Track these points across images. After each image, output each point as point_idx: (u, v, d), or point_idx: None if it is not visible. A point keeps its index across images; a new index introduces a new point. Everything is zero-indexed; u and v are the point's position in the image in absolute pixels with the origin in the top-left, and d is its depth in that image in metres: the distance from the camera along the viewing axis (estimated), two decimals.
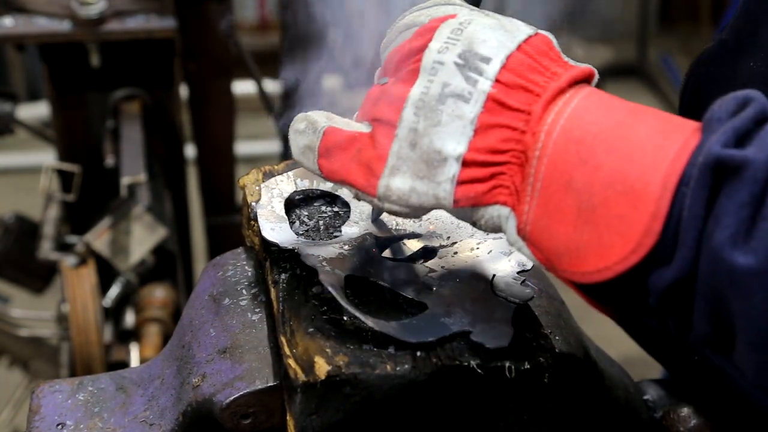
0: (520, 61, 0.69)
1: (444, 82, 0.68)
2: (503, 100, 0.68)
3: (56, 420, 0.84)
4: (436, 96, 0.69)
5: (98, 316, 1.83)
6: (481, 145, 0.68)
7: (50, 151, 2.35)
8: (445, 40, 0.70)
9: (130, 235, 1.91)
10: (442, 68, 0.69)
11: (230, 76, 2.41)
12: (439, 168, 0.68)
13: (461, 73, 0.68)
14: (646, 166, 0.62)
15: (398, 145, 0.70)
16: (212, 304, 0.86)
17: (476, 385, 0.74)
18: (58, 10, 1.96)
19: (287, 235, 0.85)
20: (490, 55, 0.68)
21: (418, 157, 0.69)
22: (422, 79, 0.70)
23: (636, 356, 1.06)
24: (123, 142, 1.95)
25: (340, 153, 0.73)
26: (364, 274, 0.82)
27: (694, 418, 0.87)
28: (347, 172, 0.73)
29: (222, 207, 2.56)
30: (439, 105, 0.68)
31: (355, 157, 0.72)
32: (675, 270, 0.60)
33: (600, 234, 0.63)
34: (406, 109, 0.69)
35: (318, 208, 0.91)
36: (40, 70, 2.39)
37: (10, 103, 2.08)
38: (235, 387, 0.77)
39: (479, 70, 0.68)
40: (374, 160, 0.71)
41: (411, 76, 0.71)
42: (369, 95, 0.75)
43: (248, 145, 3.67)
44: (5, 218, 2.06)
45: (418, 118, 0.69)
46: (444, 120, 0.68)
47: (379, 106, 0.72)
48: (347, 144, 0.73)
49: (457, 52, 0.69)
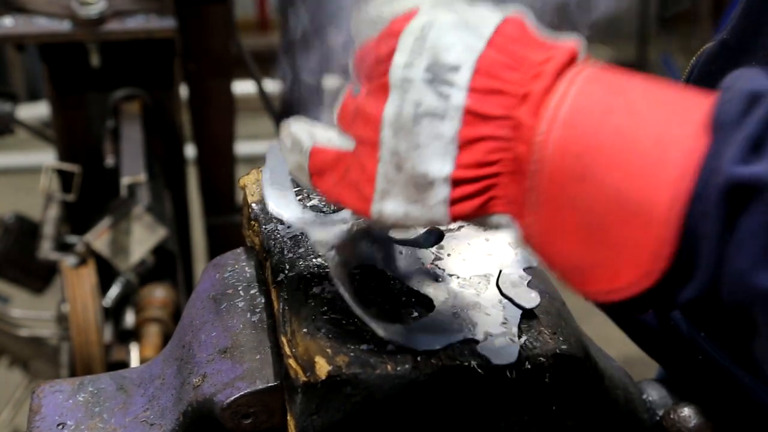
0: (492, 60, 0.64)
1: (416, 101, 0.64)
2: (481, 110, 0.64)
3: (57, 420, 0.84)
4: (411, 117, 0.65)
5: (98, 316, 1.83)
6: (468, 161, 0.64)
7: (50, 151, 2.35)
8: (410, 52, 0.65)
9: (130, 235, 1.91)
10: (411, 86, 0.65)
11: (230, 76, 2.41)
12: (429, 192, 0.65)
13: (431, 89, 0.64)
14: (650, 184, 0.58)
15: (384, 168, 0.66)
16: (213, 305, 0.86)
17: (477, 385, 0.74)
18: (58, 10, 1.96)
19: (292, 210, 0.84)
20: (458, 63, 0.64)
21: (405, 181, 0.66)
22: (393, 97, 0.66)
23: (636, 356, 1.06)
24: (123, 142, 1.95)
25: (329, 173, 0.71)
26: (372, 262, 0.82)
27: (695, 418, 0.87)
28: (339, 194, 0.70)
29: (222, 207, 2.56)
30: (415, 126, 0.64)
31: (344, 178, 0.70)
32: (693, 290, 0.58)
33: (608, 256, 0.60)
34: (384, 130, 0.66)
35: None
36: (40, 70, 2.39)
37: (10, 103, 2.08)
38: (235, 387, 0.77)
39: (449, 82, 0.64)
40: (363, 182, 0.68)
41: (382, 92, 0.67)
42: (345, 104, 0.71)
43: (248, 145, 3.67)
44: (5, 218, 2.06)
45: (397, 140, 0.65)
46: (423, 142, 0.64)
47: (357, 125, 0.69)
48: (334, 164, 0.70)
49: (423, 65, 0.65)
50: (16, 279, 2.15)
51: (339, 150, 0.70)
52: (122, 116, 2.05)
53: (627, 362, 0.92)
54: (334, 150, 0.71)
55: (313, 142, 0.72)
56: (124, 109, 2.06)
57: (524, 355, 0.75)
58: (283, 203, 0.84)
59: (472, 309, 0.78)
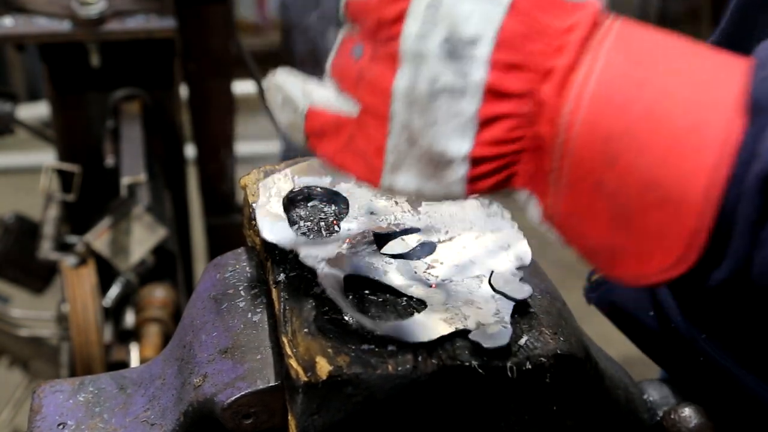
0: (512, 30, 0.60)
1: (432, 77, 0.61)
2: (502, 87, 0.60)
3: (57, 420, 0.84)
4: (427, 92, 0.61)
5: (98, 316, 1.83)
6: (488, 139, 0.61)
7: (50, 151, 2.35)
8: (422, 21, 0.61)
9: (130, 235, 1.91)
10: (426, 60, 0.61)
11: (230, 76, 2.41)
12: (446, 170, 0.63)
13: (449, 64, 0.60)
14: (683, 170, 0.55)
15: (394, 140, 0.64)
16: (213, 305, 0.86)
17: (477, 385, 0.74)
18: (58, 10, 1.96)
19: (286, 234, 0.85)
20: (476, 35, 0.60)
21: (419, 156, 0.63)
22: (406, 69, 0.62)
23: (636, 356, 1.06)
24: (123, 142, 1.95)
25: (330, 138, 0.67)
26: (365, 272, 0.82)
27: (696, 418, 0.87)
28: (343, 161, 0.67)
29: (222, 207, 2.56)
30: (431, 102, 0.61)
31: (348, 145, 0.66)
32: (723, 273, 0.56)
33: (638, 242, 0.58)
34: (396, 102, 0.62)
35: (316, 206, 0.92)
36: (40, 70, 2.39)
37: (10, 103, 2.08)
38: (236, 387, 0.77)
39: (468, 57, 0.60)
40: (371, 153, 0.65)
41: (390, 60, 0.63)
42: (345, 64, 0.67)
43: (248, 145, 3.67)
44: (5, 218, 2.06)
45: (410, 114, 0.62)
46: (440, 119, 0.61)
47: (363, 91, 0.65)
48: (336, 128, 0.67)
49: (439, 38, 0.61)
50: (16, 279, 2.15)
51: (339, 113, 0.67)
52: (122, 116, 2.05)
53: (627, 362, 0.92)
54: (333, 113, 0.67)
55: (310, 103, 0.68)
56: (124, 109, 2.06)
57: (525, 355, 0.75)
58: (275, 234, 0.84)
59: (465, 305, 0.78)
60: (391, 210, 0.90)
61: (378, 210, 0.90)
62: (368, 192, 0.91)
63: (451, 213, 0.89)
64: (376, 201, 0.91)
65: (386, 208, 0.90)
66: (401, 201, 0.91)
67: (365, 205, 0.90)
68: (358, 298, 0.81)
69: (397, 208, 0.90)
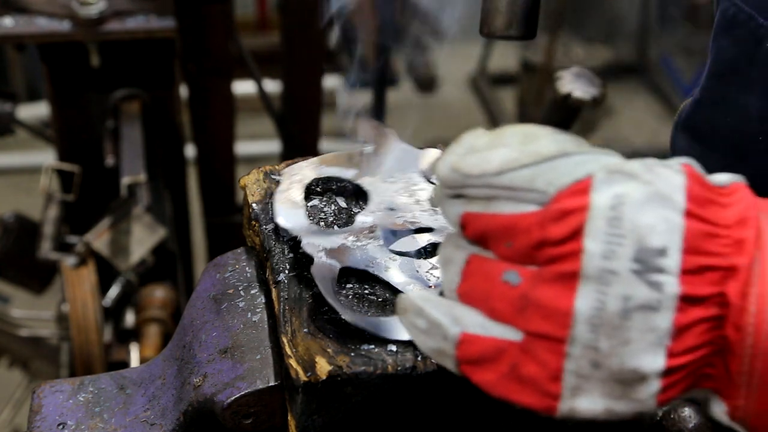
0: (694, 233, 0.59)
1: (624, 296, 0.58)
2: (694, 293, 0.59)
3: (57, 420, 0.84)
4: (619, 312, 0.59)
5: (98, 316, 1.83)
6: (681, 348, 0.59)
7: (50, 151, 2.35)
8: (607, 239, 0.59)
9: (130, 235, 1.91)
10: (617, 278, 0.58)
11: (230, 76, 2.41)
12: (638, 386, 0.60)
13: (641, 279, 0.58)
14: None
15: (574, 364, 0.60)
16: (213, 305, 0.86)
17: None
18: (58, 10, 1.96)
19: (299, 222, 0.86)
20: (663, 245, 0.59)
21: (606, 377, 0.60)
22: (589, 290, 0.59)
23: None
24: (123, 142, 1.96)
25: (488, 365, 0.64)
26: (365, 266, 0.82)
27: (695, 418, 0.87)
28: (507, 389, 0.63)
29: (222, 207, 2.56)
30: (624, 322, 0.59)
31: (511, 373, 0.63)
32: None
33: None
34: (578, 326, 0.59)
35: (336, 197, 0.92)
36: (40, 70, 2.39)
37: (10, 103, 2.08)
38: (236, 387, 0.77)
39: (660, 269, 0.58)
40: (543, 379, 0.61)
41: (565, 281, 0.60)
42: (496, 290, 0.64)
43: (248, 145, 3.67)
44: (5, 218, 2.06)
45: (596, 336, 0.59)
46: (634, 337, 0.59)
47: (531, 318, 0.61)
48: (495, 355, 0.63)
49: (629, 255, 0.59)
50: (16, 279, 2.15)
51: (497, 339, 0.63)
52: (122, 116, 2.05)
53: None
54: (490, 339, 0.63)
55: (462, 329, 0.64)
56: (124, 109, 2.06)
57: None
58: (288, 221, 0.85)
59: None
60: (410, 208, 0.90)
61: (397, 206, 0.90)
62: (390, 188, 0.92)
63: None
64: (397, 197, 0.91)
65: (406, 206, 0.90)
66: (422, 200, 0.91)
67: (386, 201, 0.91)
68: (354, 290, 0.81)
69: (416, 206, 0.90)
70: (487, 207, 0.64)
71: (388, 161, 0.94)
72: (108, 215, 1.92)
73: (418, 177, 0.94)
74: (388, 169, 0.94)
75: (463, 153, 0.65)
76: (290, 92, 2.60)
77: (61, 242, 1.96)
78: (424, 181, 0.93)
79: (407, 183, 0.93)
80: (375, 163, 0.94)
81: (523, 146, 0.64)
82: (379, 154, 0.95)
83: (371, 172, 0.93)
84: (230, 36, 2.33)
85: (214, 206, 2.57)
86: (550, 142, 0.64)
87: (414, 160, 0.95)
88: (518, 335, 0.62)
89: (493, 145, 0.65)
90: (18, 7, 1.98)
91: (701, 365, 0.61)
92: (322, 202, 0.91)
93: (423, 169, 0.94)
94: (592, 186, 0.61)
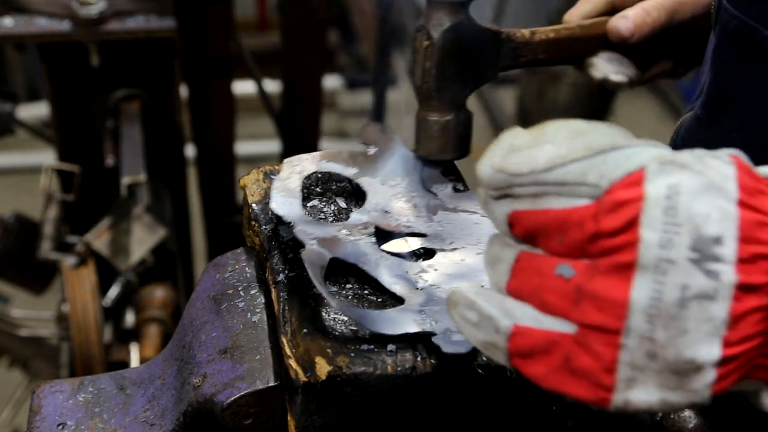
0: (748, 222, 0.59)
1: (681, 284, 0.59)
2: (749, 281, 0.59)
3: (57, 420, 0.84)
4: (675, 302, 0.59)
5: (98, 316, 1.83)
6: (737, 337, 0.60)
7: (50, 151, 2.35)
8: (663, 228, 0.59)
9: (130, 235, 1.91)
10: (674, 267, 0.59)
11: (230, 76, 2.41)
12: (694, 377, 0.60)
13: (699, 268, 0.59)
14: None
15: (629, 355, 0.60)
16: (213, 305, 0.86)
17: (477, 385, 0.74)
18: (58, 10, 1.96)
19: (294, 210, 0.86)
20: (720, 234, 0.59)
21: (661, 368, 0.61)
22: (645, 279, 0.59)
23: None
24: (123, 142, 1.96)
25: (540, 358, 0.64)
26: (355, 260, 0.83)
27: (695, 418, 0.87)
28: (559, 382, 0.63)
29: (222, 207, 2.56)
30: (681, 311, 0.59)
31: (564, 365, 0.63)
32: None
33: None
34: (634, 316, 0.60)
35: (334, 192, 0.92)
36: (40, 70, 2.39)
37: (10, 103, 2.08)
38: (236, 387, 0.77)
39: (716, 257, 0.59)
40: (598, 371, 0.61)
41: (621, 272, 0.60)
42: (549, 284, 0.63)
43: (248, 145, 3.67)
44: (5, 218, 2.06)
45: (653, 326, 0.59)
46: (691, 327, 0.59)
47: (586, 309, 0.61)
48: (547, 348, 0.63)
49: (686, 243, 0.59)
50: (16, 279, 2.15)
51: (550, 332, 0.63)
52: (122, 116, 2.05)
53: None
54: (543, 331, 0.63)
55: (515, 322, 0.64)
56: (124, 109, 2.06)
57: None
58: (283, 208, 0.86)
59: (441, 311, 0.78)
60: (405, 212, 0.90)
61: (393, 210, 0.91)
62: (389, 191, 0.92)
63: (463, 226, 0.89)
64: (394, 201, 0.91)
65: (401, 210, 0.91)
66: (419, 206, 0.92)
67: (382, 203, 0.91)
68: (340, 283, 0.81)
69: (411, 211, 0.91)
70: (535, 204, 0.64)
71: (390, 165, 0.95)
72: (108, 215, 1.92)
73: (417, 184, 0.94)
74: (388, 172, 0.94)
75: (505, 153, 0.65)
76: (290, 92, 2.60)
77: (61, 242, 1.97)
78: (423, 189, 0.94)
79: (406, 188, 0.93)
80: (377, 165, 0.94)
81: (570, 141, 0.64)
82: (382, 157, 0.95)
83: (372, 173, 0.94)
84: (230, 36, 2.33)
85: (214, 206, 2.57)
86: (598, 135, 0.64)
87: (416, 167, 0.95)
88: (572, 327, 0.62)
89: (536, 142, 0.65)
90: (18, 7, 1.98)
91: (755, 355, 0.61)
92: (321, 202, 0.91)
93: (423, 178, 0.95)
94: (645, 177, 0.61)
